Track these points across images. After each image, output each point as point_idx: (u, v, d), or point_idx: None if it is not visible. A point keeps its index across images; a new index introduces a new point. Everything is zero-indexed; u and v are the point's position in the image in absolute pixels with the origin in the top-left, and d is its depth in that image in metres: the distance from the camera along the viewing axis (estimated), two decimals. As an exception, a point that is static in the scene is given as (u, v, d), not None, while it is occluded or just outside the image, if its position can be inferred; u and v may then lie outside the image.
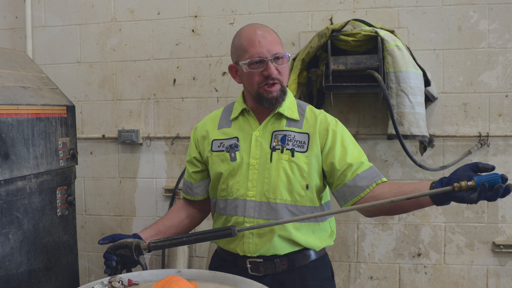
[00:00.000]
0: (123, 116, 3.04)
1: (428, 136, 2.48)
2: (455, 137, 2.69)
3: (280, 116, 1.73)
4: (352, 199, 1.61)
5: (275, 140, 1.69)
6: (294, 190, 1.65)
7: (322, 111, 1.77)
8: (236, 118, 1.78)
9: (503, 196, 1.21)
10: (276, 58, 1.64)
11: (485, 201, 2.63)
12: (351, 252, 2.84)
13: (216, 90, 2.92)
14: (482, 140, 2.65)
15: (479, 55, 2.66)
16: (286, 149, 1.67)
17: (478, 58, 2.66)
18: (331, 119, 1.72)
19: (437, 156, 2.71)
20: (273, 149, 1.68)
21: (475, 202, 1.23)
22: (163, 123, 3.00)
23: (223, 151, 1.74)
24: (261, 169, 1.68)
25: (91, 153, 3.10)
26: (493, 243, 2.69)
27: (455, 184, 1.24)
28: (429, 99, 2.61)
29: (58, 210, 2.06)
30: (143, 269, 1.64)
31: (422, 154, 2.64)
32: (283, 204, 1.65)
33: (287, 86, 2.50)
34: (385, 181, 1.60)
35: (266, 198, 1.66)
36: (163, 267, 2.98)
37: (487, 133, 2.65)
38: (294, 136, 1.69)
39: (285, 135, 1.69)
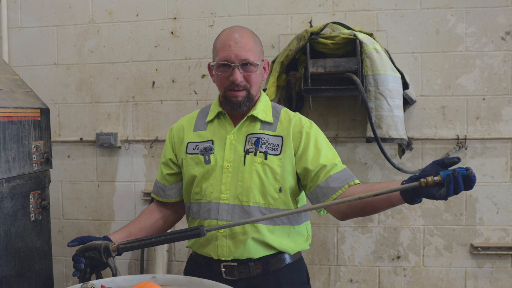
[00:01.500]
0: (101, 119, 3.00)
1: (407, 139, 2.49)
2: (433, 140, 2.70)
3: (255, 119, 1.72)
4: (324, 201, 1.60)
5: (249, 143, 1.69)
6: (267, 192, 1.64)
7: (297, 113, 1.76)
8: (211, 121, 1.78)
9: (466, 187, 1.20)
10: (244, 64, 1.63)
11: (464, 204, 2.69)
12: (331, 255, 2.83)
13: (196, 93, 2.90)
14: (460, 143, 2.67)
15: (457, 58, 2.68)
16: (260, 152, 1.66)
17: (456, 61, 2.68)
18: (305, 122, 1.72)
19: (416, 159, 2.73)
20: (246, 152, 1.68)
21: (445, 197, 1.22)
22: (141, 126, 2.97)
23: (197, 153, 1.73)
24: (234, 172, 1.67)
25: (68, 157, 3.05)
26: (471, 245, 2.71)
27: (422, 180, 1.23)
28: (407, 102, 2.62)
29: (31, 215, 2.01)
30: (112, 272, 1.61)
31: (400, 157, 2.65)
32: (256, 207, 1.64)
33: (265, 90, 2.51)
34: (357, 183, 1.60)
35: (239, 201, 1.65)
36: (141, 271, 2.95)
37: (465, 135, 2.67)
38: (268, 139, 1.68)
39: (258, 138, 1.69)
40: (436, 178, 1.22)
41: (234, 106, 1.68)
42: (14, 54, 3.05)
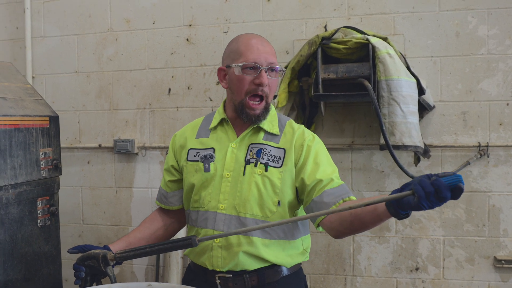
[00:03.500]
0: (119, 126, 3.05)
1: (422, 146, 2.40)
2: (453, 147, 2.59)
3: (259, 129, 1.69)
4: (319, 216, 1.55)
5: (251, 153, 1.65)
6: (265, 205, 1.61)
7: (301, 126, 1.72)
8: (214, 128, 1.75)
9: (438, 193, 1.10)
10: (271, 69, 1.62)
11: (487, 214, 2.55)
12: (347, 265, 2.76)
13: (211, 100, 2.90)
14: (482, 150, 2.54)
15: (478, 61, 2.56)
16: (260, 163, 1.63)
17: (477, 65, 2.57)
18: (308, 135, 1.68)
19: (435, 166, 2.62)
20: (247, 162, 1.65)
21: (418, 203, 1.13)
22: (158, 133, 2.99)
23: (198, 161, 1.71)
24: (234, 182, 1.64)
25: (88, 163, 3.11)
26: (495, 258, 2.57)
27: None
28: (424, 108, 2.52)
29: (39, 221, 2.05)
30: (111, 280, 1.63)
31: (416, 165, 2.55)
32: (253, 219, 1.60)
33: (275, 96, 2.47)
34: (353, 199, 1.54)
35: (236, 212, 1.62)
36: (157, 277, 2.96)
37: (487, 143, 2.55)
38: (270, 150, 1.65)
39: (261, 149, 1.65)
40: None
41: (253, 119, 1.64)
42: (37, 62, 3.14)
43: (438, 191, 1.10)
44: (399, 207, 1.22)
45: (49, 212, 2.11)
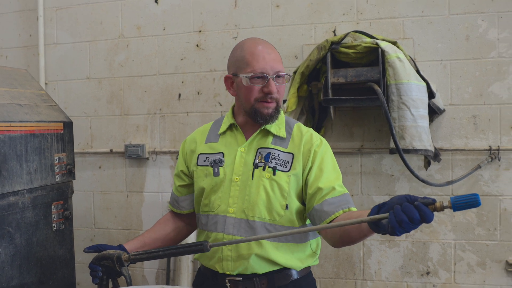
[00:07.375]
0: (130, 131, 3.08)
1: (433, 150, 2.40)
2: (464, 150, 2.59)
3: (267, 133, 1.71)
4: (319, 223, 1.58)
5: (259, 157, 1.67)
6: (273, 209, 1.62)
7: (309, 129, 1.73)
8: (223, 133, 1.77)
9: (410, 219, 1.17)
10: (278, 76, 1.64)
11: (498, 218, 2.55)
12: (357, 269, 2.76)
13: (220, 105, 2.92)
14: (493, 154, 2.54)
15: (489, 65, 2.57)
16: (268, 167, 1.64)
17: (488, 68, 2.57)
18: (316, 139, 1.69)
19: (446, 170, 2.62)
20: (255, 166, 1.66)
21: (391, 228, 1.20)
22: (168, 138, 3.02)
23: (207, 165, 1.73)
24: (242, 186, 1.66)
25: (100, 168, 3.14)
26: (507, 262, 2.56)
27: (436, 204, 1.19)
28: (435, 111, 2.53)
29: (53, 225, 2.08)
30: (126, 280, 1.65)
31: (426, 169, 2.56)
32: (261, 223, 1.62)
33: (285, 101, 2.49)
34: (353, 210, 1.56)
35: (245, 215, 1.63)
36: (167, 281, 2.98)
37: (498, 146, 2.54)
38: (279, 155, 1.66)
39: (269, 153, 1.67)
40: (445, 204, 1.18)
41: (267, 118, 1.65)
42: (50, 69, 3.19)
43: (410, 218, 1.17)
44: (377, 226, 1.26)
45: (63, 216, 2.13)
